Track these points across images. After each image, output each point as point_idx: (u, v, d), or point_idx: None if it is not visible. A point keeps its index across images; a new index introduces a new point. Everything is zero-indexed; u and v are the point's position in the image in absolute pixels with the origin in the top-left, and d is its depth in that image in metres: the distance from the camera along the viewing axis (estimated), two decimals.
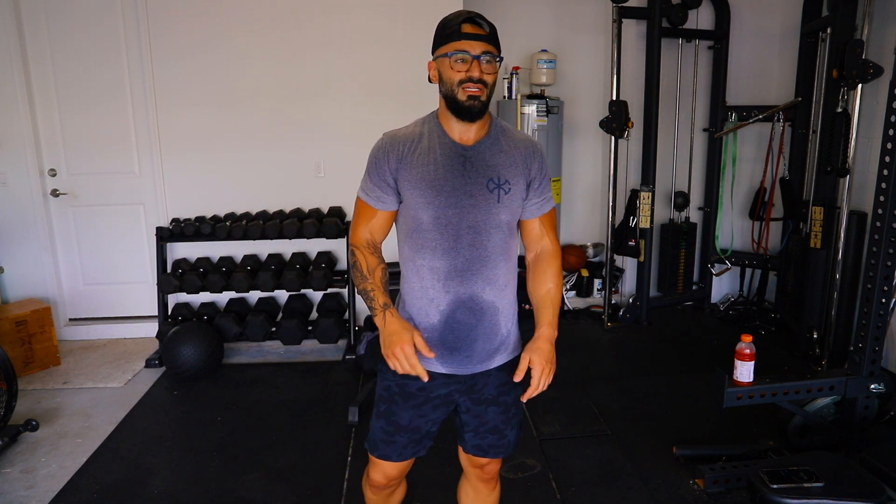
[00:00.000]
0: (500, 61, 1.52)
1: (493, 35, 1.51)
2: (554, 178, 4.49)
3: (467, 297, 1.55)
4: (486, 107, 1.52)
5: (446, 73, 1.49)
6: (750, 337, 2.31)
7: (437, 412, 1.66)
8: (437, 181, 1.51)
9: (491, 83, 1.50)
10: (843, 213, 3.39)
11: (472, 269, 1.54)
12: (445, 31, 1.49)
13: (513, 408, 1.71)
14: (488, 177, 1.53)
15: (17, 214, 4.01)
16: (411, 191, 1.52)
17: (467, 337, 1.57)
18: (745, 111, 4.27)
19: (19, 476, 2.62)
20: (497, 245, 1.56)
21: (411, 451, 1.68)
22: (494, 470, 1.78)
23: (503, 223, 1.56)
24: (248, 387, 3.46)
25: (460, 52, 1.46)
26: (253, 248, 4.06)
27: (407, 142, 1.55)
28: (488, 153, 1.55)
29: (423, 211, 1.52)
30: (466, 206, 1.51)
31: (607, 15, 4.33)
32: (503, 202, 1.54)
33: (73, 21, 3.87)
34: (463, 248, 1.53)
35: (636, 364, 3.72)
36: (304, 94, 3.98)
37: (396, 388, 1.63)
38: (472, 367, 1.61)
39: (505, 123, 1.64)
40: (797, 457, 2.25)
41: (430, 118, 1.60)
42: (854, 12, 3.33)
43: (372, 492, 1.83)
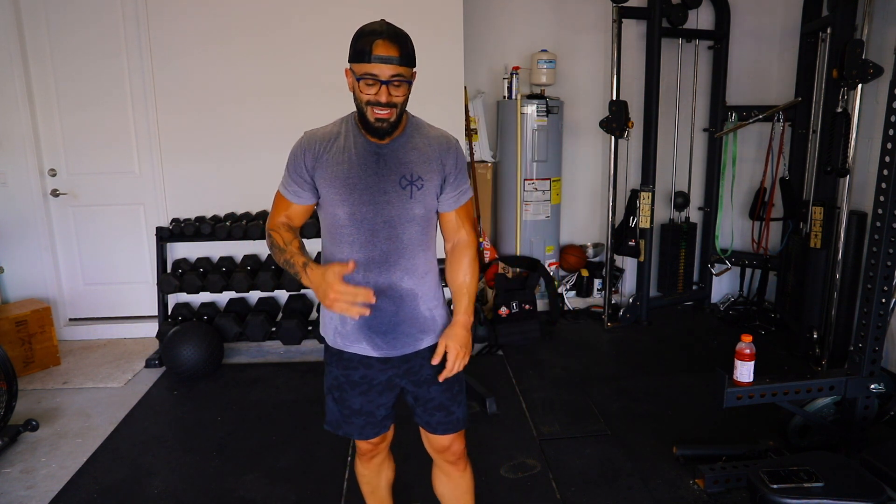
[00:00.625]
0: (413, 77, 1.55)
1: (406, 53, 1.51)
2: (554, 178, 4.50)
3: (386, 286, 1.64)
4: (395, 125, 1.56)
5: (357, 91, 1.53)
6: (750, 337, 2.31)
7: (383, 397, 1.77)
8: (351, 179, 1.58)
9: (401, 102, 1.53)
10: (843, 213, 3.39)
11: (390, 260, 1.63)
12: (358, 47, 1.50)
13: (455, 385, 1.79)
14: (401, 174, 1.60)
15: (17, 214, 4.01)
16: (327, 188, 1.60)
17: (390, 321, 1.67)
18: (745, 111, 4.27)
19: (19, 476, 2.62)
20: (413, 237, 1.64)
21: (371, 431, 1.80)
22: (459, 450, 1.86)
23: (417, 217, 1.63)
24: (248, 387, 3.46)
25: (369, 75, 1.48)
26: (253, 248, 4.06)
27: (324, 141, 1.62)
28: (402, 151, 1.61)
29: (339, 207, 1.60)
30: (381, 203, 1.59)
31: (607, 15, 4.33)
32: (416, 198, 1.61)
33: (73, 21, 3.87)
34: (380, 242, 1.61)
35: (636, 364, 3.72)
36: (305, 93, 3.97)
37: (343, 378, 1.75)
38: (402, 349, 1.71)
39: (421, 121, 1.69)
40: (797, 457, 2.25)
41: (349, 118, 1.65)
42: (854, 12, 3.33)
43: (362, 464, 1.95)
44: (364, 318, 1.65)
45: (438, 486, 1.96)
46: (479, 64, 4.53)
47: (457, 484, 1.91)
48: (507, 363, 3.71)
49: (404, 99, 1.54)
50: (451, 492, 1.93)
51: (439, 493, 1.97)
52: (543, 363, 3.72)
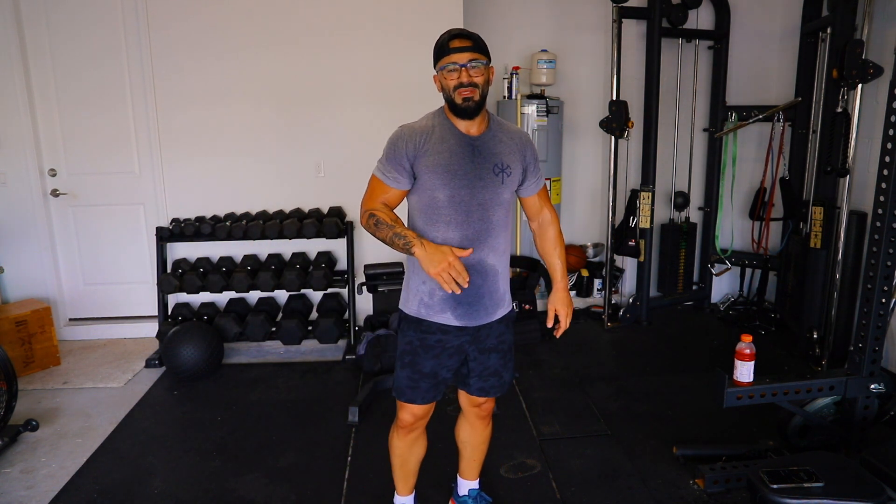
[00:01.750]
0: (488, 65, 1.80)
1: (478, 44, 1.78)
2: (554, 178, 4.50)
3: (476, 262, 1.85)
4: (480, 105, 1.80)
5: (444, 83, 1.79)
6: (750, 337, 2.31)
7: (451, 360, 1.96)
8: (452, 166, 1.79)
9: (482, 83, 1.78)
10: (843, 213, 3.39)
11: (480, 238, 1.84)
12: (438, 49, 1.80)
13: (508, 353, 2.03)
14: (493, 162, 1.83)
15: (17, 214, 4.01)
16: (429, 174, 1.79)
17: (476, 294, 1.87)
18: (745, 111, 4.27)
19: (19, 476, 2.62)
20: (500, 219, 1.87)
21: (432, 394, 1.98)
22: (489, 408, 2.13)
23: (505, 201, 1.87)
24: (248, 387, 3.46)
25: (451, 63, 1.75)
26: (253, 248, 4.06)
27: (423, 133, 1.82)
28: (492, 143, 1.85)
29: (441, 191, 1.80)
30: (477, 187, 1.81)
31: (607, 15, 4.33)
32: (506, 183, 1.85)
33: (74, 21, 3.87)
34: (473, 222, 1.82)
35: (636, 364, 3.72)
36: (305, 94, 3.98)
37: (418, 342, 1.92)
38: (480, 320, 1.91)
39: (499, 118, 1.95)
40: (797, 457, 2.25)
41: (438, 113, 1.87)
42: (854, 12, 3.33)
43: (399, 437, 2.09)
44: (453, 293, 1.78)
45: (461, 434, 2.21)
46: None
47: (479, 434, 2.19)
48: None
49: (483, 80, 1.78)
50: (471, 439, 2.20)
51: (461, 438, 2.22)
52: (543, 363, 3.72)
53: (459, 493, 2.31)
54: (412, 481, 2.22)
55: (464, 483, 2.29)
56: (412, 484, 2.22)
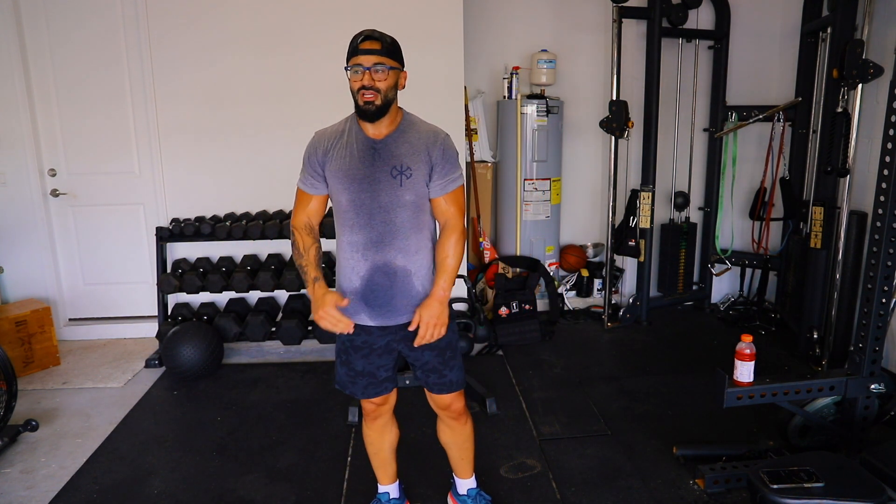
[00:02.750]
0: (397, 69, 1.82)
1: (387, 48, 1.79)
2: (554, 178, 4.50)
3: (382, 264, 1.88)
4: (381, 109, 1.80)
5: (350, 84, 1.81)
6: (750, 337, 2.31)
7: (382, 359, 2.01)
8: (352, 170, 1.84)
9: (384, 88, 1.78)
10: (843, 213, 3.39)
11: (385, 240, 1.87)
12: (350, 47, 1.80)
13: (447, 351, 2.01)
14: (392, 165, 1.84)
15: (17, 214, 4.01)
16: (332, 179, 1.86)
17: (385, 295, 1.91)
18: (745, 111, 4.27)
19: (19, 476, 2.62)
20: (405, 220, 1.87)
21: (374, 391, 2.04)
22: (459, 408, 2.12)
23: (408, 202, 1.86)
24: (248, 387, 3.46)
25: (356, 65, 1.78)
26: (253, 248, 4.06)
27: (331, 138, 1.89)
28: (394, 145, 1.86)
29: (342, 195, 1.86)
30: (375, 190, 1.84)
31: (607, 15, 4.33)
32: (405, 185, 1.84)
33: (73, 21, 3.87)
34: (376, 224, 1.85)
35: (636, 364, 3.72)
36: (305, 94, 3.98)
37: (348, 343, 1.99)
38: (396, 319, 1.94)
39: (416, 118, 1.94)
40: (797, 457, 2.25)
41: (352, 117, 1.91)
42: (854, 12, 3.33)
43: (367, 425, 2.16)
44: (363, 293, 1.90)
45: (442, 436, 2.23)
46: (479, 64, 4.53)
47: (459, 433, 2.19)
48: (507, 363, 3.71)
49: (388, 86, 1.79)
50: (453, 440, 2.21)
51: (443, 441, 2.23)
52: (543, 363, 3.72)
53: (459, 492, 2.33)
54: (391, 470, 2.26)
55: (461, 483, 2.32)
56: (392, 472, 2.27)
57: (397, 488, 2.31)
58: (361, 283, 1.90)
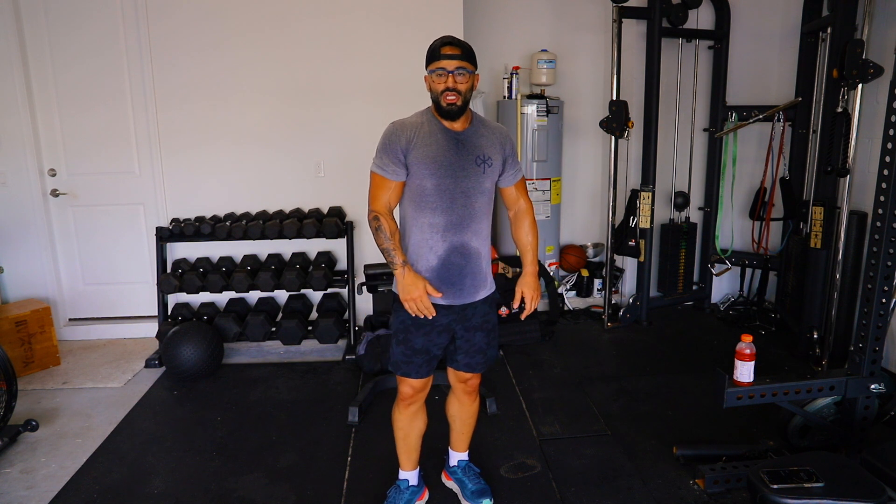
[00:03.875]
0: (473, 73, 1.98)
1: (467, 53, 1.96)
2: (554, 178, 4.50)
3: (459, 245, 2.03)
4: (462, 109, 1.98)
5: (432, 85, 1.98)
6: (750, 337, 2.31)
7: (441, 337, 2.13)
8: (439, 157, 1.97)
9: (465, 90, 1.96)
10: (843, 213, 3.39)
11: (464, 223, 2.02)
12: (431, 53, 1.97)
13: (492, 332, 2.21)
14: (476, 154, 2.02)
15: (17, 214, 4.01)
16: (418, 165, 1.97)
17: (459, 274, 2.06)
18: (745, 111, 4.27)
19: (19, 476, 2.62)
20: (482, 205, 2.05)
21: (425, 369, 2.14)
22: (476, 384, 2.30)
23: (486, 189, 2.06)
24: (248, 387, 3.46)
25: (439, 68, 1.94)
26: (253, 248, 4.06)
27: (413, 128, 2.00)
28: (475, 137, 2.04)
29: (428, 180, 1.98)
30: (460, 177, 1.99)
31: (607, 15, 4.33)
32: (487, 173, 2.04)
33: (73, 21, 3.87)
34: (457, 208, 2.00)
35: (636, 364, 3.72)
36: (305, 94, 3.98)
37: (410, 321, 2.09)
38: (464, 299, 2.09)
39: (481, 116, 2.14)
40: (797, 457, 2.25)
41: (426, 111, 2.06)
42: (854, 12, 3.33)
43: (400, 411, 2.24)
44: (438, 272, 2.04)
45: (450, 409, 2.37)
46: (479, 64, 4.51)
47: (467, 409, 2.34)
48: (507, 363, 3.71)
49: (468, 87, 1.96)
50: (460, 413, 2.35)
51: (450, 413, 2.38)
52: (543, 363, 3.71)
53: (450, 464, 2.45)
54: (415, 456, 2.33)
55: (454, 455, 2.44)
56: (415, 459, 2.34)
57: (417, 476, 2.37)
58: (438, 262, 2.03)
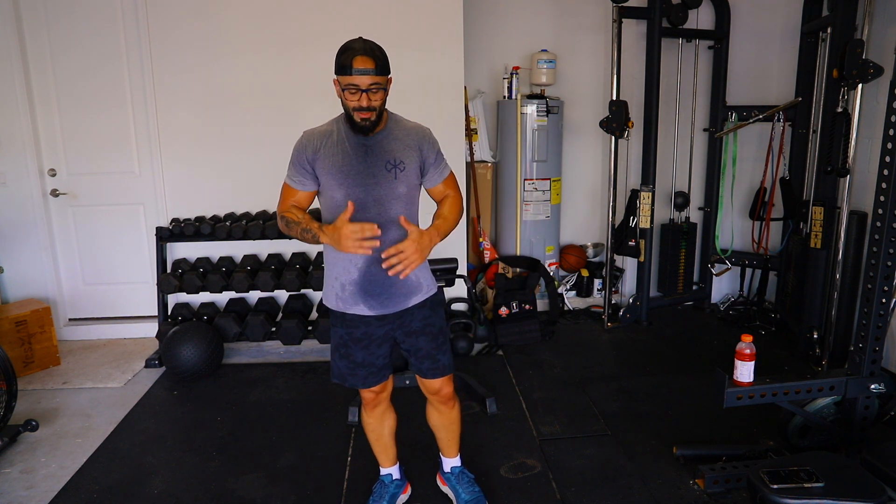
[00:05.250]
0: (387, 79, 1.87)
1: (381, 65, 1.83)
2: (554, 178, 4.50)
3: (378, 255, 1.92)
4: (375, 124, 1.89)
5: (344, 101, 1.87)
6: (750, 337, 2.31)
7: (381, 349, 2.09)
8: (346, 167, 1.92)
9: (379, 105, 1.87)
10: (843, 213, 3.39)
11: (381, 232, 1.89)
12: (340, 62, 1.82)
13: (439, 336, 2.13)
14: (385, 160, 1.94)
15: (17, 214, 4.01)
16: (326, 175, 1.93)
17: (382, 284, 1.98)
18: (745, 111, 4.27)
19: (19, 476, 2.62)
20: (399, 212, 1.95)
21: (373, 380, 2.13)
22: (448, 392, 2.22)
23: (402, 195, 1.97)
24: (248, 387, 3.46)
25: (351, 85, 1.82)
26: (253, 248, 4.06)
27: (321, 137, 1.96)
28: (385, 141, 1.95)
29: (337, 191, 1.93)
30: (370, 184, 1.92)
31: (607, 15, 4.33)
32: (400, 178, 1.95)
33: (73, 21, 3.87)
34: (371, 217, 1.92)
35: (636, 364, 3.72)
36: (304, 94, 3.97)
37: (347, 336, 2.07)
38: (394, 307, 2.02)
39: (398, 116, 2.04)
40: (797, 457, 2.25)
41: (340, 118, 1.99)
42: (854, 12, 3.33)
43: (367, 413, 2.25)
44: (361, 284, 1.97)
45: (431, 419, 2.33)
46: (479, 64, 4.53)
47: (446, 416, 2.29)
48: (507, 363, 3.71)
49: (381, 102, 1.87)
50: (441, 422, 2.31)
51: (432, 423, 2.34)
52: (543, 363, 3.71)
53: (444, 469, 2.44)
54: (392, 452, 2.35)
55: (446, 461, 2.42)
56: (392, 455, 2.36)
57: (398, 470, 2.40)
58: (360, 274, 1.97)
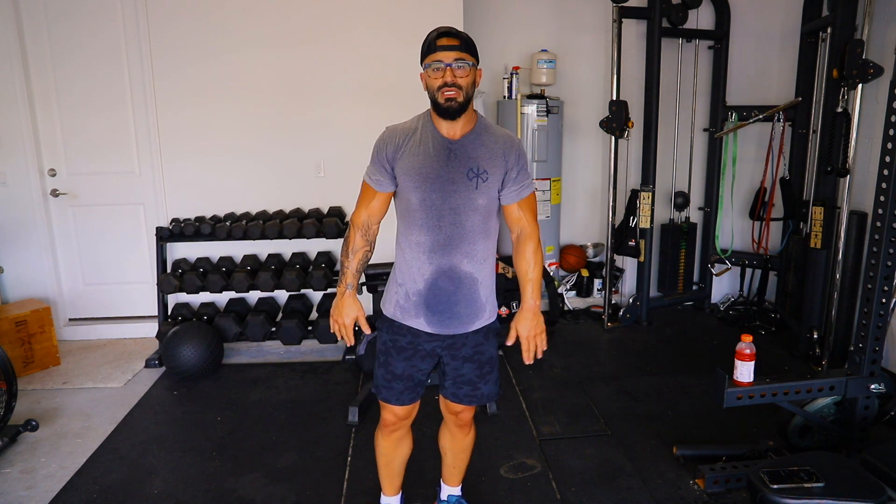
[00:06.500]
0: (474, 66, 1.76)
1: (466, 44, 1.73)
2: (554, 178, 4.50)
3: (448, 268, 1.82)
4: (463, 106, 1.74)
5: (428, 82, 1.75)
6: (750, 337, 2.31)
7: (424, 363, 1.94)
8: (425, 169, 1.77)
9: (466, 85, 1.73)
10: (843, 213, 3.39)
11: (453, 244, 1.81)
12: (426, 46, 1.74)
13: (486, 366, 1.97)
14: (468, 167, 1.78)
15: (17, 214, 4.01)
16: (403, 176, 1.79)
17: (448, 301, 1.84)
18: (745, 111, 4.27)
19: (19, 476, 2.62)
20: (475, 225, 1.82)
21: (408, 396, 1.97)
22: (468, 418, 2.08)
23: (480, 206, 1.81)
24: (248, 387, 3.46)
25: (436, 62, 1.71)
26: (253, 248, 4.06)
27: (404, 134, 1.81)
28: (471, 147, 1.79)
29: (413, 193, 1.79)
30: (449, 191, 1.77)
31: (607, 15, 4.33)
32: (480, 189, 1.79)
33: (73, 21, 3.87)
34: (445, 227, 1.79)
35: (636, 364, 3.72)
36: (305, 94, 3.98)
37: (391, 343, 1.93)
38: (453, 329, 1.88)
39: (489, 122, 1.88)
40: (797, 457, 2.25)
41: (425, 115, 1.85)
42: (854, 12, 3.33)
43: (383, 436, 2.09)
44: (424, 297, 1.84)
45: (442, 440, 2.19)
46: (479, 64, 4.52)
47: (459, 441, 2.15)
48: (507, 363, 3.71)
49: (468, 82, 1.73)
50: (452, 446, 2.17)
51: (442, 445, 2.21)
52: (543, 363, 3.71)
53: (441, 497, 2.31)
54: (398, 482, 2.22)
55: (445, 488, 2.29)
56: (398, 485, 2.23)
57: (400, 500, 2.27)
58: (425, 285, 1.84)
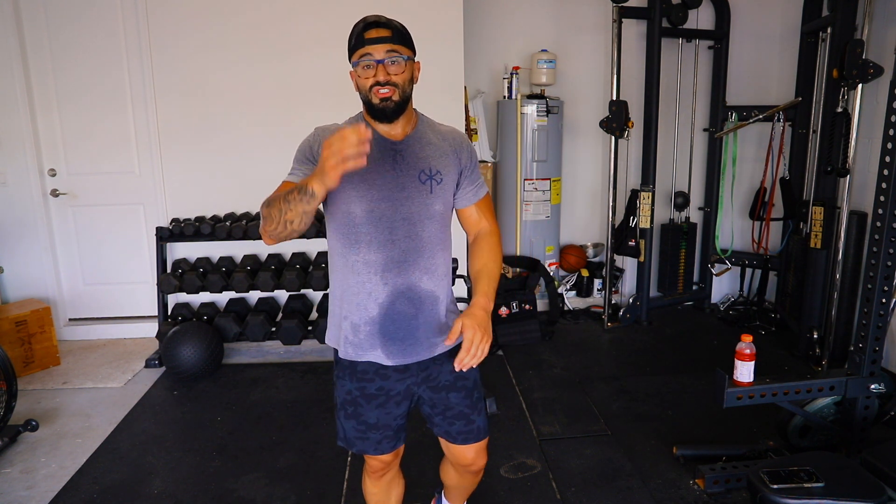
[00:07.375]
0: (411, 59, 1.52)
1: (399, 35, 1.50)
2: (554, 178, 4.50)
3: (405, 288, 1.57)
4: (401, 105, 1.51)
5: (358, 81, 1.52)
6: (750, 337, 2.31)
7: (399, 408, 1.68)
8: (369, 175, 1.51)
9: (402, 82, 1.49)
10: (843, 213, 3.39)
11: (409, 259, 1.56)
12: (352, 39, 1.51)
13: (475, 392, 1.72)
14: (419, 169, 1.55)
15: (17, 214, 4.01)
16: (342, 185, 1.44)
17: (408, 326, 1.59)
18: (745, 111, 4.27)
19: (19, 476, 2.62)
20: (433, 235, 1.58)
21: (388, 445, 1.71)
22: (481, 466, 1.82)
23: (437, 213, 1.58)
24: (248, 387, 3.46)
25: (365, 57, 1.48)
26: (253, 248, 4.06)
27: None
28: (418, 146, 1.57)
29: (356, 204, 1.52)
30: (400, 199, 1.53)
31: (607, 15, 4.33)
32: (436, 192, 1.57)
33: (73, 21, 3.87)
34: (399, 240, 1.54)
35: (636, 364, 3.72)
36: (304, 93, 3.98)
37: (357, 392, 1.66)
38: (419, 355, 1.62)
39: (428, 117, 1.67)
40: (797, 457, 2.25)
41: (359, 116, 1.62)
42: (854, 12, 3.33)
43: (371, 482, 1.86)
44: (380, 325, 1.58)
45: (446, 478, 1.98)
46: (479, 64, 4.53)
47: (469, 481, 1.93)
48: (507, 363, 3.71)
49: (405, 79, 1.50)
50: (459, 483, 1.95)
51: (446, 482, 2.01)
52: (543, 363, 3.71)
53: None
54: None
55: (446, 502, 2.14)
56: None
57: None
58: (380, 311, 1.57)
